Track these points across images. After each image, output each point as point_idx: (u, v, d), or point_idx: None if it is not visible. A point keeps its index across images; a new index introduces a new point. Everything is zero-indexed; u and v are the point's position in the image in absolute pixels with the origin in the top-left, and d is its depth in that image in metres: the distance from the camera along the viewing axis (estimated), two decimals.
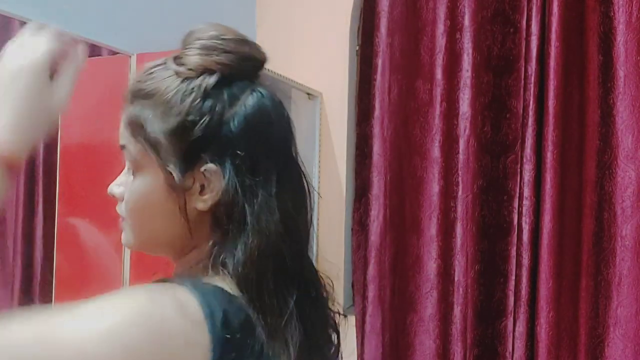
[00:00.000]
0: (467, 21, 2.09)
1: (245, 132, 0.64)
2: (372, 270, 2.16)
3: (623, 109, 1.85)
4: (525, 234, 1.95)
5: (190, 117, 0.63)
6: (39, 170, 1.94)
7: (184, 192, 0.64)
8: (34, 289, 1.94)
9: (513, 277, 2.01)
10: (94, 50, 1.91)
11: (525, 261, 1.95)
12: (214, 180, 0.64)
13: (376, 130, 2.23)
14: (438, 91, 2.12)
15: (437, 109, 2.12)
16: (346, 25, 2.32)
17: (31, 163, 1.93)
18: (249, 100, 0.65)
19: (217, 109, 0.64)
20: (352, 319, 2.26)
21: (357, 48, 2.34)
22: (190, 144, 0.64)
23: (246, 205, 0.63)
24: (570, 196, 1.94)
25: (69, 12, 1.74)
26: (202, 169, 0.64)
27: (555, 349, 1.92)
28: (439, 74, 2.12)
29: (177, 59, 0.66)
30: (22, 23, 1.76)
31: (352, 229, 2.34)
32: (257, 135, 0.65)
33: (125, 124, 0.68)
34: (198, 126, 0.63)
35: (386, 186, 2.22)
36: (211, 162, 0.64)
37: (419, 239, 2.14)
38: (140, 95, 0.67)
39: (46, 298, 1.89)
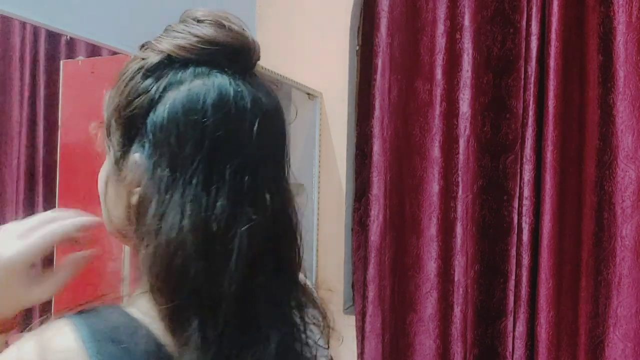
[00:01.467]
0: (467, 21, 2.09)
1: (170, 122, 0.56)
2: (372, 270, 2.16)
3: (623, 109, 1.85)
4: (525, 234, 1.95)
5: (127, 97, 0.59)
6: (39, 170, 1.94)
7: (119, 176, 0.60)
8: None
9: (513, 277, 2.01)
10: (94, 50, 1.91)
11: (525, 261, 1.95)
12: (138, 172, 0.57)
13: (376, 130, 2.23)
14: (438, 91, 2.12)
15: (437, 109, 2.12)
16: (346, 25, 2.32)
17: (31, 163, 1.93)
18: (188, 87, 0.57)
19: (152, 90, 0.58)
20: (352, 319, 2.26)
21: (357, 48, 2.34)
22: (126, 126, 0.59)
23: (154, 203, 0.55)
24: (570, 196, 1.94)
25: (69, 12, 1.74)
26: (130, 156, 0.58)
27: (555, 349, 1.92)
28: (439, 74, 2.12)
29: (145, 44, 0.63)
30: (22, 23, 1.76)
31: (352, 229, 2.34)
32: (186, 126, 0.56)
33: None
34: (130, 107, 0.58)
35: (386, 186, 2.21)
36: (137, 151, 0.58)
37: (419, 239, 2.14)
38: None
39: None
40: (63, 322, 0.56)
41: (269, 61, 2.35)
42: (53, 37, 1.88)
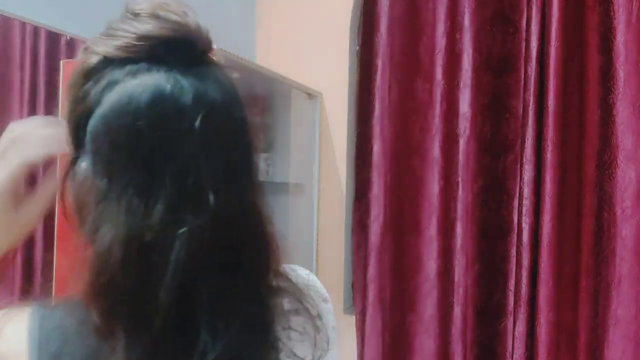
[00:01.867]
0: (467, 21, 2.09)
1: (104, 126, 0.53)
2: (372, 270, 2.16)
3: (623, 109, 1.85)
4: (525, 234, 1.95)
5: (72, 104, 0.57)
6: (39, 170, 1.94)
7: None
8: (34, 289, 1.94)
9: (513, 277, 2.01)
10: None
11: (525, 261, 1.95)
12: (84, 181, 0.55)
13: (376, 130, 2.23)
14: (438, 91, 2.12)
15: (437, 109, 2.12)
16: (346, 25, 2.32)
17: None
18: (121, 88, 0.53)
19: (91, 94, 0.55)
20: (352, 319, 2.26)
21: (357, 48, 2.34)
22: (74, 133, 0.57)
23: (90, 216, 0.53)
24: (570, 196, 1.94)
25: (69, 12, 1.74)
26: (77, 166, 0.56)
27: (555, 349, 1.92)
28: (439, 74, 2.12)
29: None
30: (22, 23, 1.77)
31: (352, 229, 2.34)
32: (118, 130, 0.53)
33: None
34: (74, 113, 0.56)
35: (386, 186, 2.21)
36: (83, 159, 0.55)
37: (419, 239, 2.14)
38: None
39: (46, 298, 1.89)
40: (23, 311, 0.55)
41: (269, 61, 2.36)
42: (53, 37, 1.88)
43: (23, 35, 1.88)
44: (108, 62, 0.55)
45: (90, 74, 0.55)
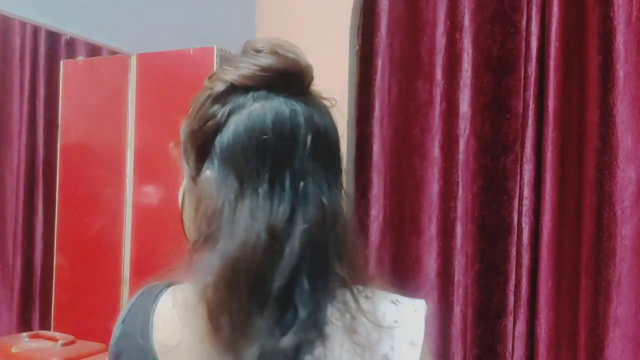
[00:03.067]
0: (467, 21, 2.09)
1: (235, 141, 0.65)
2: (372, 270, 2.16)
3: (623, 109, 1.85)
4: (525, 234, 1.95)
5: (199, 123, 0.67)
6: (39, 170, 1.94)
7: (194, 193, 0.69)
8: (34, 289, 1.94)
9: (513, 277, 2.01)
10: (94, 50, 1.92)
11: (525, 261, 1.95)
12: (209, 186, 0.66)
13: (376, 130, 2.23)
14: (438, 91, 2.12)
15: (437, 109, 2.12)
16: (346, 25, 2.32)
17: (31, 163, 1.94)
18: (249, 110, 0.65)
19: (218, 115, 0.66)
20: None
21: (357, 48, 2.34)
22: (199, 148, 0.67)
23: (226, 210, 0.63)
24: (570, 196, 1.94)
25: (69, 12, 1.74)
26: (203, 174, 0.67)
27: (555, 349, 1.92)
28: (439, 74, 2.12)
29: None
30: (22, 23, 1.77)
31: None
32: (249, 143, 0.64)
33: None
34: (201, 131, 0.67)
35: (386, 186, 2.22)
36: (208, 168, 0.66)
37: (419, 239, 2.14)
38: None
39: (46, 298, 1.90)
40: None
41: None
42: (53, 37, 1.88)
43: (23, 35, 1.88)
44: (233, 89, 0.66)
45: (218, 98, 0.66)
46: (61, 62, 1.92)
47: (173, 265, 0.66)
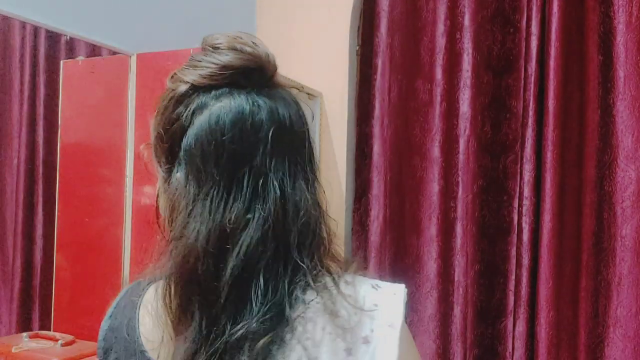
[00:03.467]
0: (467, 21, 2.09)
1: (196, 143, 0.65)
2: (372, 270, 2.16)
3: (623, 109, 1.85)
4: (525, 234, 1.95)
5: (164, 126, 0.68)
6: (39, 170, 1.94)
7: (168, 194, 0.69)
8: (34, 289, 1.94)
9: (513, 277, 2.01)
10: (94, 50, 1.92)
11: (525, 261, 1.95)
12: (178, 188, 0.67)
13: (376, 130, 2.23)
14: (438, 91, 2.12)
15: (437, 109, 2.12)
16: (346, 25, 2.32)
17: (31, 163, 1.94)
18: (210, 110, 0.65)
19: (182, 117, 0.66)
20: None
21: (357, 48, 2.34)
22: (167, 150, 0.68)
23: (181, 215, 0.64)
24: (570, 196, 1.94)
25: (69, 12, 1.74)
26: (173, 176, 0.68)
27: (555, 349, 1.92)
28: (439, 74, 2.12)
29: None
30: (22, 23, 1.77)
31: (352, 229, 2.34)
32: (209, 145, 0.64)
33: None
34: (167, 134, 0.67)
35: (386, 186, 2.22)
36: (178, 170, 0.67)
37: (419, 239, 2.14)
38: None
39: (46, 298, 1.90)
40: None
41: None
42: (53, 37, 1.88)
43: (23, 35, 1.88)
44: (195, 89, 0.66)
45: (181, 99, 0.67)
46: (61, 62, 1.92)
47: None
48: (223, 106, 0.65)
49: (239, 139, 0.64)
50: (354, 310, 0.63)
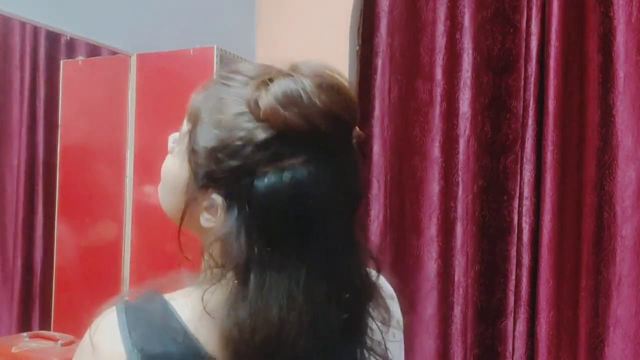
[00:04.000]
0: (467, 21, 2.09)
1: (270, 199, 0.59)
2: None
3: (623, 109, 1.85)
4: (525, 234, 1.95)
5: (225, 151, 0.61)
6: (39, 170, 1.94)
7: (194, 196, 0.65)
8: (34, 289, 1.94)
9: (513, 277, 2.01)
10: (94, 50, 1.92)
11: (525, 261, 1.95)
12: (217, 210, 0.62)
13: (376, 130, 2.23)
14: (438, 91, 2.12)
15: (437, 109, 2.12)
16: (346, 25, 2.32)
17: (31, 163, 1.94)
18: (290, 171, 0.60)
19: (252, 160, 0.60)
20: None
21: (357, 48, 2.34)
22: (215, 170, 0.62)
23: (253, 273, 0.59)
24: (570, 196, 1.94)
25: (70, 12, 1.74)
26: (213, 194, 0.62)
27: (555, 349, 1.92)
28: (439, 74, 2.12)
29: (260, 87, 0.61)
30: (22, 23, 1.76)
31: None
32: (284, 208, 0.60)
33: (191, 101, 0.67)
34: (225, 163, 0.61)
35: (386, 186, 2.21)
36: (222, 195, 0.62)
37: (419, 239, 2.14)
38: (212, 90, 0.66)
39: (46, 298, 1.90)
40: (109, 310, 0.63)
41: (269, 61, 2.35)
42: (53, 37, 1.88)
43: (23, 35, 1.88)
44: (277, 135, 0.60)
45: (256, 142, 0.60)
46: (61, 62, 1.92)
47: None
48: (306, 171, 0.60)
49: (314, 207, 0.61)
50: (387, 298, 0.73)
